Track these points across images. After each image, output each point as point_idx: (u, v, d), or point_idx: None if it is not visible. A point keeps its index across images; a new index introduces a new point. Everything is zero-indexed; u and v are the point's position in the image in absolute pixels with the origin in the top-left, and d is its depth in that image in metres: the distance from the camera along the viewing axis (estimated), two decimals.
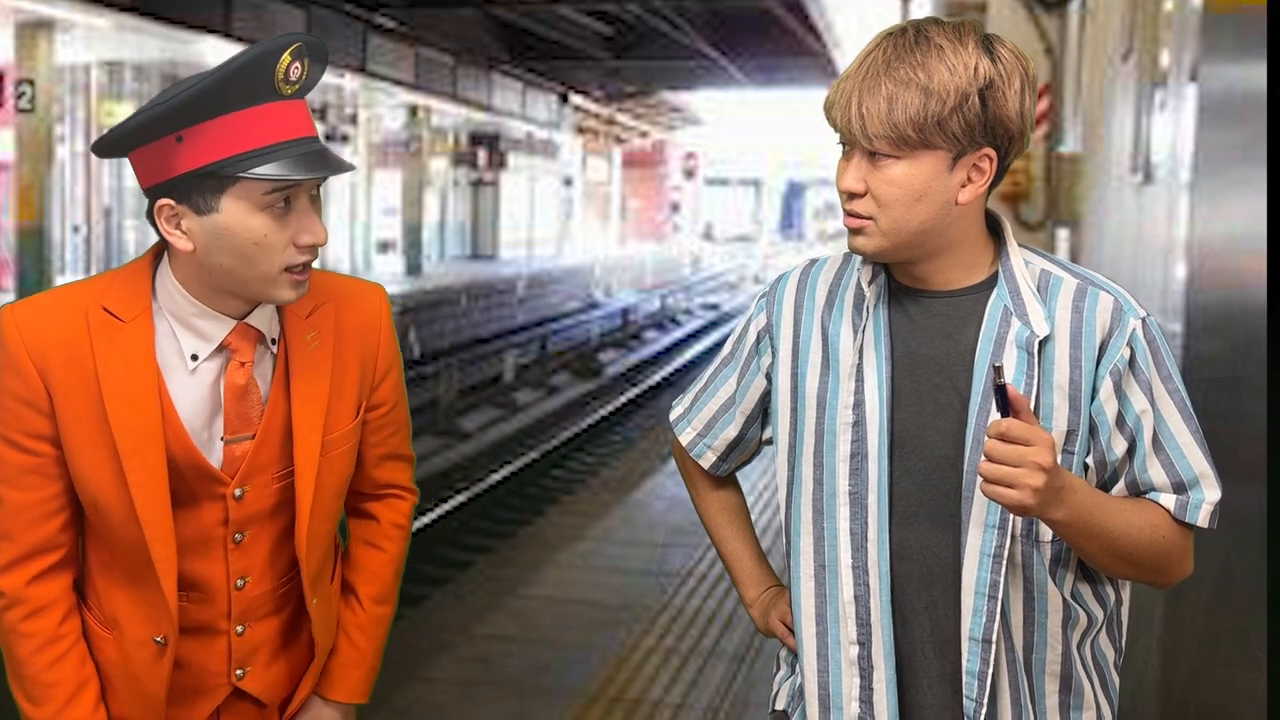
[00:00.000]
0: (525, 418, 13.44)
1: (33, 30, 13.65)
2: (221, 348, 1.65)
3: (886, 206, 1.54)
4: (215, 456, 1.68)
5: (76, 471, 1.63)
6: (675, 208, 48.05)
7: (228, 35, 15.20)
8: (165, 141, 1.53)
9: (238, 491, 1.69)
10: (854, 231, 1.58)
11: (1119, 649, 1.67)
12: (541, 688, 4.53)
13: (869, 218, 1.55)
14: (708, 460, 1.84)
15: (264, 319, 1.68)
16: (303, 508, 1.71)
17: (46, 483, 1.64)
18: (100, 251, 17.91)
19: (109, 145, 1.60)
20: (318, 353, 1.71)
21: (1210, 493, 1.56)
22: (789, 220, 63.01)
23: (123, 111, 17.30)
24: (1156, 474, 1.56)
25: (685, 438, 1.85)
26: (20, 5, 12.89)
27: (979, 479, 1.45)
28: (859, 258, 1.65)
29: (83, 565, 1.75)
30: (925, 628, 1.61)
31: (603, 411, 13.21)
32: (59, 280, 14.21)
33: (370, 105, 21.50)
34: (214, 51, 14.97)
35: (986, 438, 1.42)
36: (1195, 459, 1.56)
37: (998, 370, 1.40)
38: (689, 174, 49.31)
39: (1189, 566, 1.60)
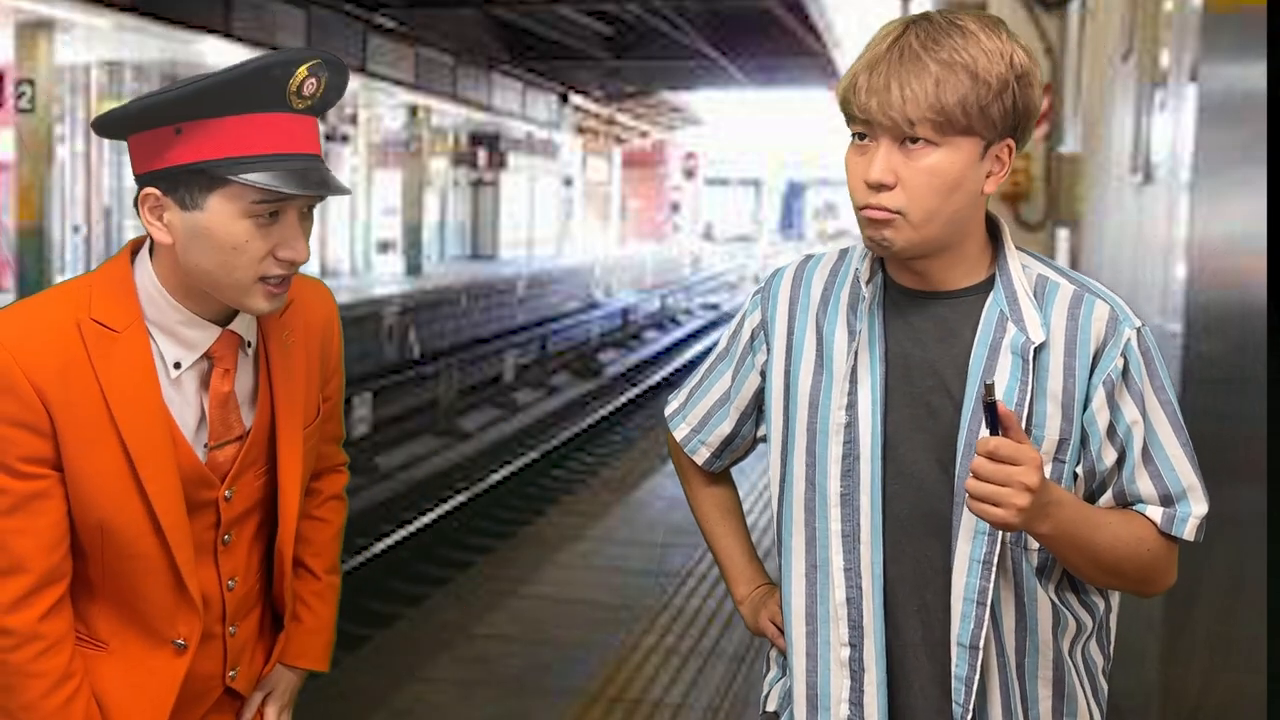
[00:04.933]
0: (525, 418, 13.45)
1: (33, 30, 13.63)
2: (204, 355, 1.63)
3: (920, 197, 1.47)
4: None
5: (84, 493, 1.57)
6: (675, 208, 48.01)
7: (228, 35, 15.18)
8: (164, 131, 1.51)
9: (228, 493, 1.69)
10: (879, 225, 1.50)
11: (1108, 656, 1.66)
12: (541, 688, 4.53)
13: (898, 211, 1.49)
14: (701, 456, 1.83)
15: (244, 324, 1.66)
16: (291, 502, 1.74)
17: (52, 507, 1.57)
18: (100, 251, 17.87)
19: (110, 124, 1.57)
20: (293, 351, 1.72)
21: (1198, 506, 1.54)
22: (789, 220, 62.98)
23: None
24: (1145, 486, 1.54)
25: (680, 433, 1.83)
26: (20, 5, 12.88)
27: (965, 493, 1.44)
28: (855, 255, 1.64)
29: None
30: (917, 630, 1.60)
31: (603, 411, 13.21)
32: (59, 280, 14.09)
33: (370, 105, 21.49)
34: (214, 51, 14.97)
35: (975, 454, 1.39)
36: (1184, 471, 1.54)
37: (989, 388, 1.38)
38: (689, 174, 49.27)
39: (1173, 577, 1.59)
